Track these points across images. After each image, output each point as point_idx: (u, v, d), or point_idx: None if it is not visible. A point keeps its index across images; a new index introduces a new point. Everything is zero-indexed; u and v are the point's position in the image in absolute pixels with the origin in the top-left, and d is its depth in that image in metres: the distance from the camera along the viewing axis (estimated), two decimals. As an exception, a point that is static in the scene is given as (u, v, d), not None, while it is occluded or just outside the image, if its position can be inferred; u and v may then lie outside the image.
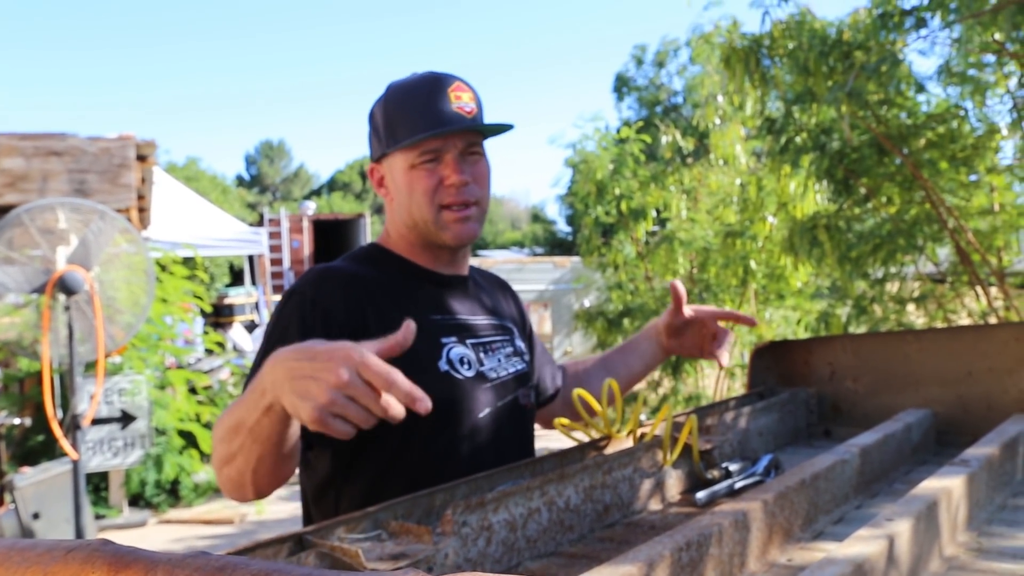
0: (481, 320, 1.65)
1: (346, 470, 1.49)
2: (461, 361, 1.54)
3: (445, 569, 1.03)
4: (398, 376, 1.09)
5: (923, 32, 4.40)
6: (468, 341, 1.58)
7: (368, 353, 1.11)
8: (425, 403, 1.10)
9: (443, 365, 1.51)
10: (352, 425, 1.12)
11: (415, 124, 1.52)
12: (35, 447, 6.87)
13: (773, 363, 2.19)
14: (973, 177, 5.19)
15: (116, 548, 0.55)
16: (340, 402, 1.09)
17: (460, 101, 1.53)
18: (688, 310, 1.91)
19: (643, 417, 7.55)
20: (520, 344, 1.73)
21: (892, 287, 5.79)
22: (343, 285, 1.50)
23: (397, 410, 1.11)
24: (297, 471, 1.50)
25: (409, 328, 1.17)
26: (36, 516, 5.30)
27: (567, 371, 2.01)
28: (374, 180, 1.65)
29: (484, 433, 1.54)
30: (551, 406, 1.94)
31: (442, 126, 1.50)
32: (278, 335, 1.45)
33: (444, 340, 1.54)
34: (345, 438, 1.12)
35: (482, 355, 1.59)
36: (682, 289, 1.88)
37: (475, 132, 1.55)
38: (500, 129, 1.59)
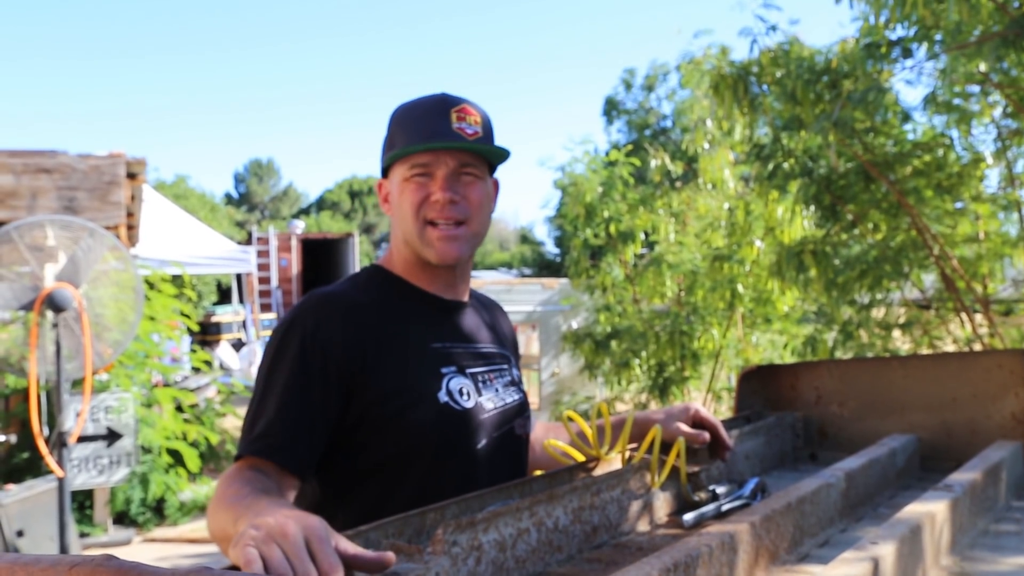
0: (480, 348, 1.65)
1: (340, 497, 1.49)
2: (460, 392, 1.53)
3: (436, 588, 1.03)
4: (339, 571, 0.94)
5: (909, 62, 4.48)
6: (468, 371, 1.58)
7: (330, 536, 0.98)
8: None
9: (443, 396, 1.50)
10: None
11: (409, 138, 1.53)
12: (20, 464, 6.82)
13: (760, 387, 2.21)
14: (958, 205, 5.25)
15: (120, 563, 0.56)
16: (268, 545, 0.94)
17: (462, 122, 1.53)
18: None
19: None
20: (516, 373, 1.73)
21: (878, 313, 5.84)
22: (343, 315, 1.49)
23: None
24: None
25: (388, 558, 0.98)
26: (20, 534, 5.26)
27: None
28: (381, 196, 1.65)
29: (480, 463, 1.54)
30: None
31: (433, 141, 1.51)
32: (277, 368, 1.46)
33: (444, 370, 1.53)
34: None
35: (480, 385, 1.59)
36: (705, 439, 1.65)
37: (472, 154, 1.55)
38: (494, 153, 1.59)
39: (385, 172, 1.63)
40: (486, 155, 1.58)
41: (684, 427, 1.64)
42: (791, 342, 7.38)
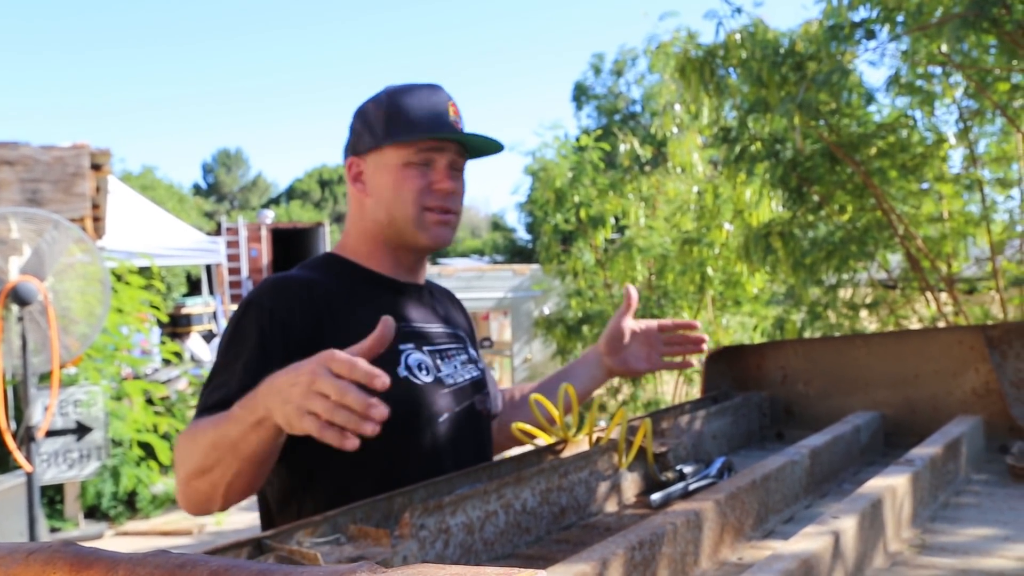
0: (436, 328, 1.67)
1: (307, 479, 1.50)
2: (419, 367, 1.55)
3: (403, 572, 1.04)
4: (360, 362, 1.12)
5: (872, 44, 4.50)
6: (425, 348, 1.60)
7: (337, 351, 1.14)
8: (383, 379, 1.12)
9: (402, 371, 1.52)
10: (345, 431, 1.14)
11: (417, 124, 1.57)
12: (-13, 460, 6.74)
13: (727, 367, 2.23)
14: (923, 185, 5.31)
15: (77, 549, 0.56)
16: (321, 405, 1.13)
17: (456, 116, 1.63)
18: (633, 323, 1.87)
19: (600, 422, 7.59)
20: (473, 352, 1.76)
21: (845, 293, 5.90)
22: (299, 294, 1.51)
23: (370, 404, 1.12)
24: None
25: (388, 324, 1.20)
26: (-12, 530, 5.20)
27: (503, 396, 1.95)
28: (351, 174, 1.65)
29: (443, 438, 1.55)
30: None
31: (443, 131, 1.58)
32: (236, 348, 1.46)
33: (402, 347, 1.55)
34: (347, 448, 1.14)
35: (439, 361, 1.61)
36: (635, 295, 1.86)
37: (462, 150, 1.63)
38: (492, 147, 1.66)
39: (361, 151, 1.63)
40: (482, 148, 1.66)
41: (628, 320, 1.86)
42: (761, 324, 7.44)
